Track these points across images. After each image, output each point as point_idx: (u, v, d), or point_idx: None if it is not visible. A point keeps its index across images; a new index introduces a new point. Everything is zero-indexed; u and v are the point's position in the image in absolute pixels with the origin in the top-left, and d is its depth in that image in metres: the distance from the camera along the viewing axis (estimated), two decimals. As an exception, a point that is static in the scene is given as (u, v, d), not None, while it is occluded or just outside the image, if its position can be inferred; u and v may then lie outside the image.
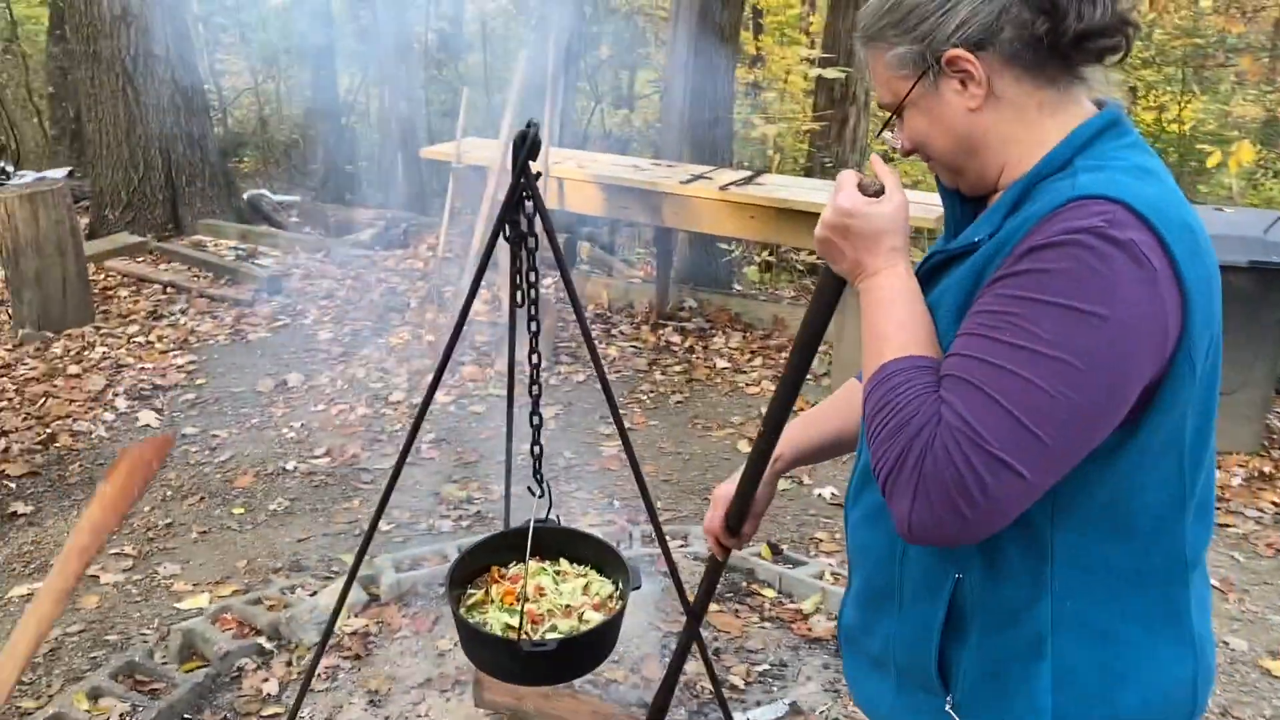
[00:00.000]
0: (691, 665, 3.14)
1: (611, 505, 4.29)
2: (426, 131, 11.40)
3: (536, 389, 2.06)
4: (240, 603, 3.47)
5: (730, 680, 3.14)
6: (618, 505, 4.28)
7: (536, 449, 2.10)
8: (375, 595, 3.52)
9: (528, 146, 1.82)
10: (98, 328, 6.20)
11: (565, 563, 2.18)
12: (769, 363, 5.91)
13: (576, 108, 11.93)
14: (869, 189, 1.28)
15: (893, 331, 1.22)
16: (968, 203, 1.36)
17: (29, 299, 6.03)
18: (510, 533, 2.20)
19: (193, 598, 3.62)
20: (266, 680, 3.12)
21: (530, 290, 2.02)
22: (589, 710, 2.86)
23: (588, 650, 1.95)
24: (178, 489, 4.42)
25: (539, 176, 1.88)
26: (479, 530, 4.09)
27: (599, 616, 1.99)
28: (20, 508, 4.23)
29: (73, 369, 5.61)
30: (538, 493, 2.09)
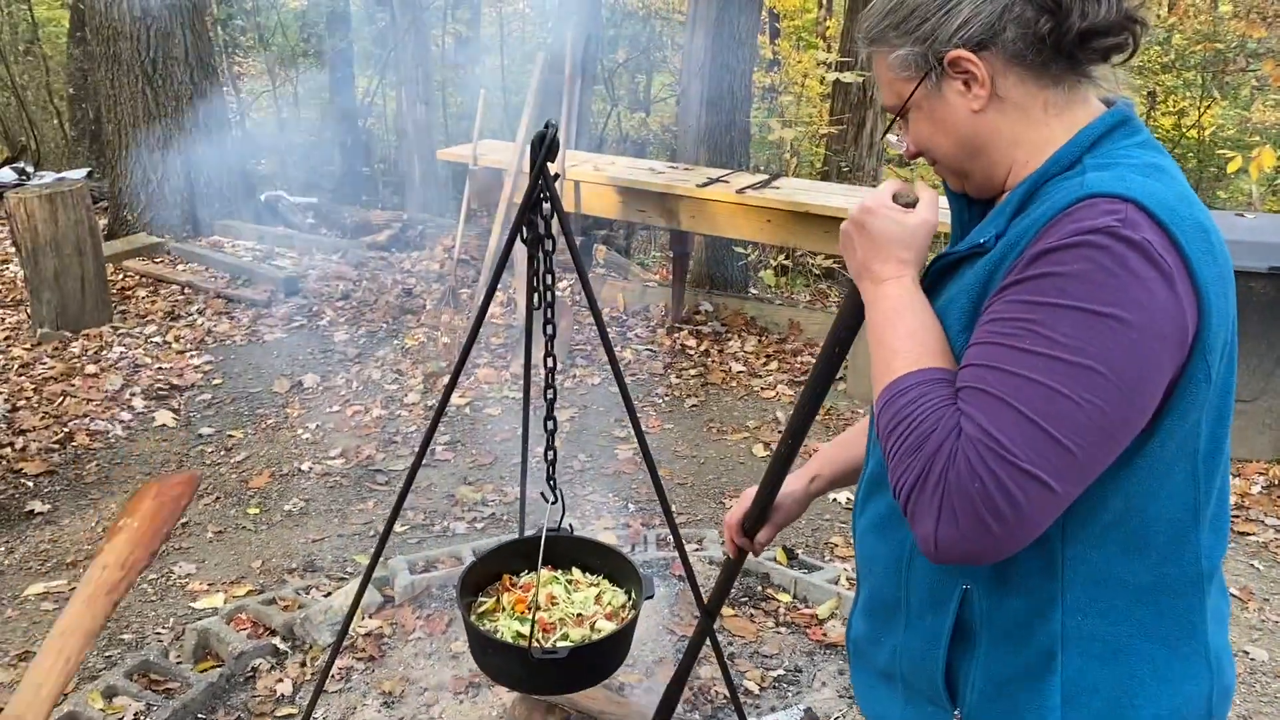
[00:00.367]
0: (706, 670, 3.13)
1: (626, 508, 4.28)
2: (444, 133, 11.44)
3: (551, 393, 2.04)
4: (255, 603, 3.48)
5: (745, 685, 3.12)
6: (632, 509, 4.27)
7: (550, 454, 2.09)
8: (390, 597, 3.52)
9: (546, 147, 1.81)
10: (115, 328, 6.23)
11: (578, 572, 2.17)
12: (784, 367, 5.89)
13: (593, 111, 11.94)
14: (902, 198, 1.26)
15: (902, 344, 1.18)
16: (975, 206, 1.33)
17: (48, 298, 6.07)
18: (522, 541, 2.19)
19: (208, 597, 3.63)
20: (281, 681, 3.12)
21: (547, 293, 2.01)
22: (619, 706, 2.85)
23: (599, 659, 1.94)
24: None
25: (557, 178, 1.88)
26: (494, 532, 4.08)
27: (611, 626, 1.97)
28: (38, 506, 4.25)
29: (90, 368, 5.64)
30: (551, 499, 2.08)
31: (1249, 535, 4.20)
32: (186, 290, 6.93)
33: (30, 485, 4.44)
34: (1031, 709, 1.21)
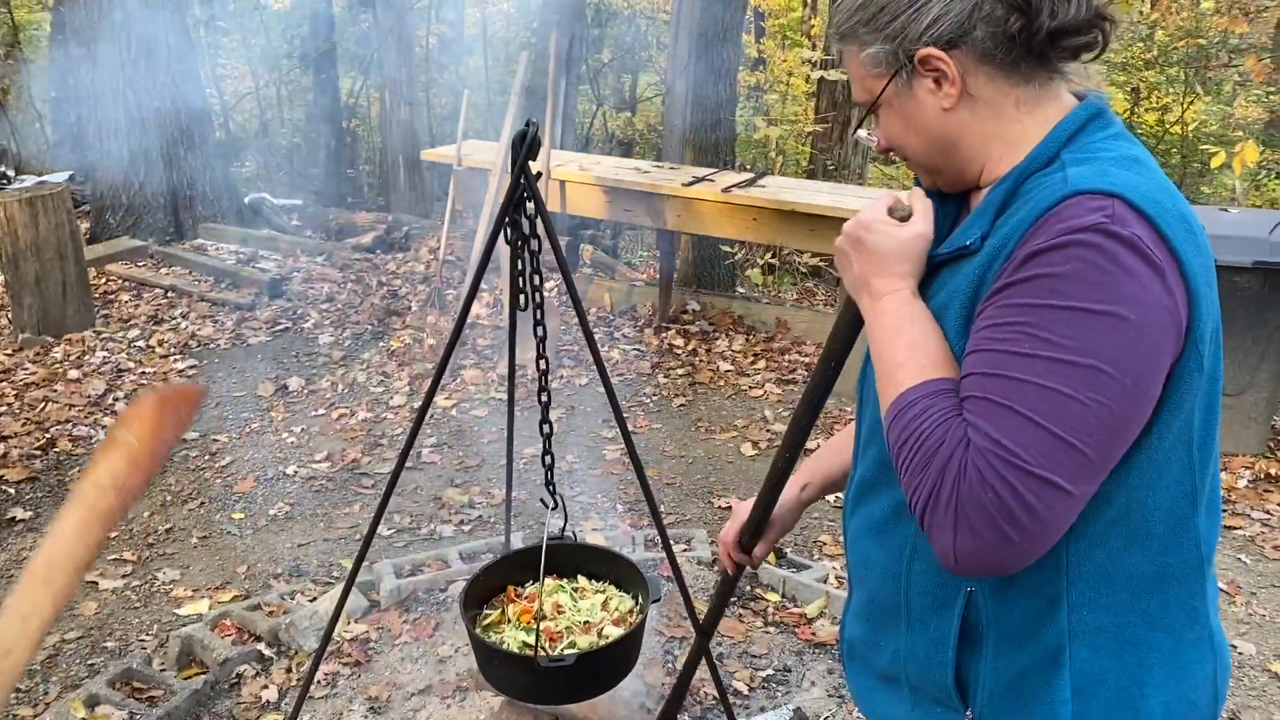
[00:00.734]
0: (696, 671, 3.11)
1: (615, 509, 4.26)
2: (428, 134, 11.40)
3: (546, 396, 2.01)
4: (240, 609, 3.44)
5: (734, 686, 3.11)
6: (621, 509, 4.25)
7: (548, 459, 2.06)
8: (376, 601, 3.49)
9: (527, 146, 1.79)
10: (98, 332, 6.18)
11: (583, 579, 2.14)
12: (772, 365, 5.88)
13: (579, 111, 11.92)
14: (896, 212, 1.25)
15: (905, 356, 1.17)
16: (948, 201, 1.32)
17: (29, 303, 6.02)
18: (525, 551, 2.16)
19: (192, 604, 3.59)
20: (266, 687, 3.09)
21: (534, 294, 1.99)
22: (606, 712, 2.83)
23: (607, 665, 1.91)
24: (177, 494, 4.39)
25: (539, 177, 1.86)
26: (481, 535, 4.06)
27: (619, 631, 1.95)
28: (19, 513, 4.20)
29: (73, 373, 5.59)
30: (551, 504, 2.05)
31: (1236, 529, 4.20)
32: (170, 294, 6.88)
33: (11, 492, 4.39)
34: (1043, 704, 1.21)
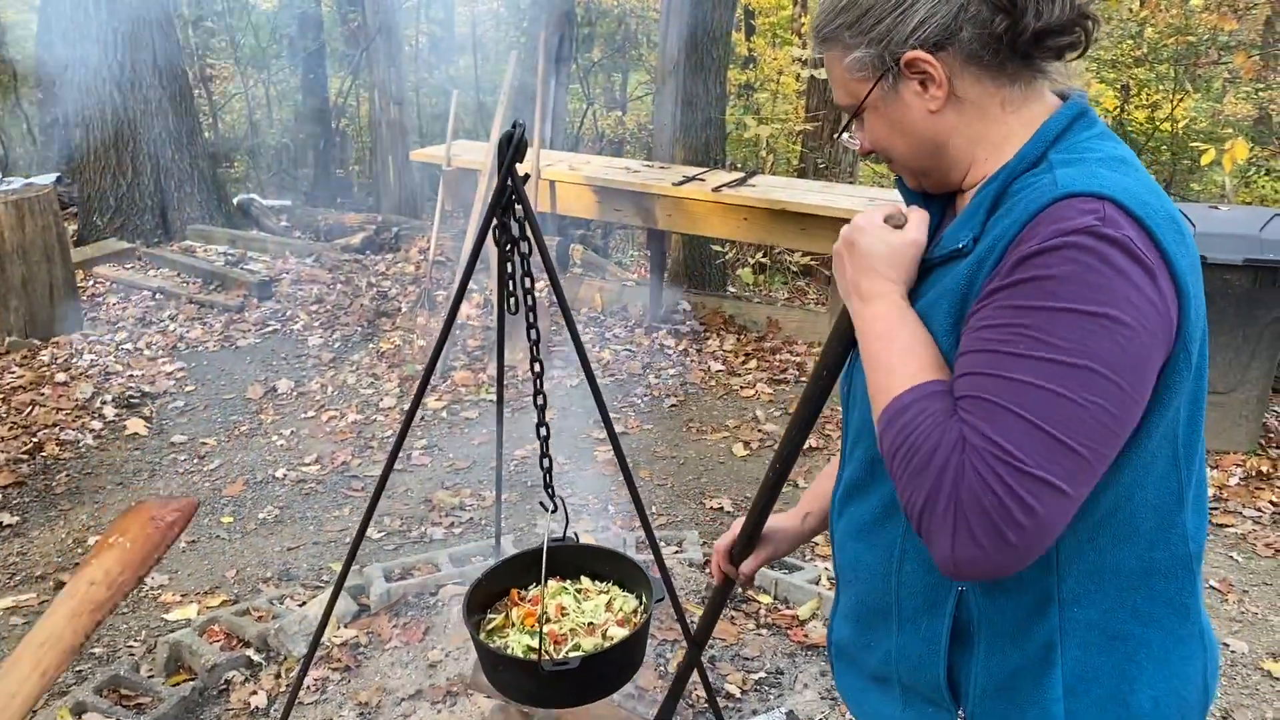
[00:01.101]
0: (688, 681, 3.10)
1: (607, 511, 4.24)
2: (418, 134, 11.37)
3: (541, 399, 2.00)
4: (229, 614, 3.42)
5: (726, 689, 3.09)
6: (613, 510, 4.24)
7: (546, 462, 2.04)
8: (365, 605, 3.47)
9: (513, 148, 1.77)
10: (86, 335, 6.14)
11: (586, 580, 2.12)
12: (763, 365, 5.87)
13: (569, 110, 11.89)
14: (893, 220, 1.25)
15: (897, 360, 1.16)
16: (933, 202, 1.33)
17: (16, 306, 5.97)
18: (527, 554, 2.14)
19: (181, 609, 3.56)
20: (255, 693, 3.07)
21: (526, 296, 1.97)
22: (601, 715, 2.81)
23: (612, 667, 1.89)
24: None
25: (526, 178, 1.84)
26: (471, 538, 4.04)
27: (623, 632, 1.93)
28: (6, 518, 4.17)
29: (60, 377, 5.55)
30: (550, 507, 2.03)
31: (1228, 527, 4.20)
32: (158, 296, 6.84)
33: (-2, 497, 4.36)
34: (1034, 702, 1.21)
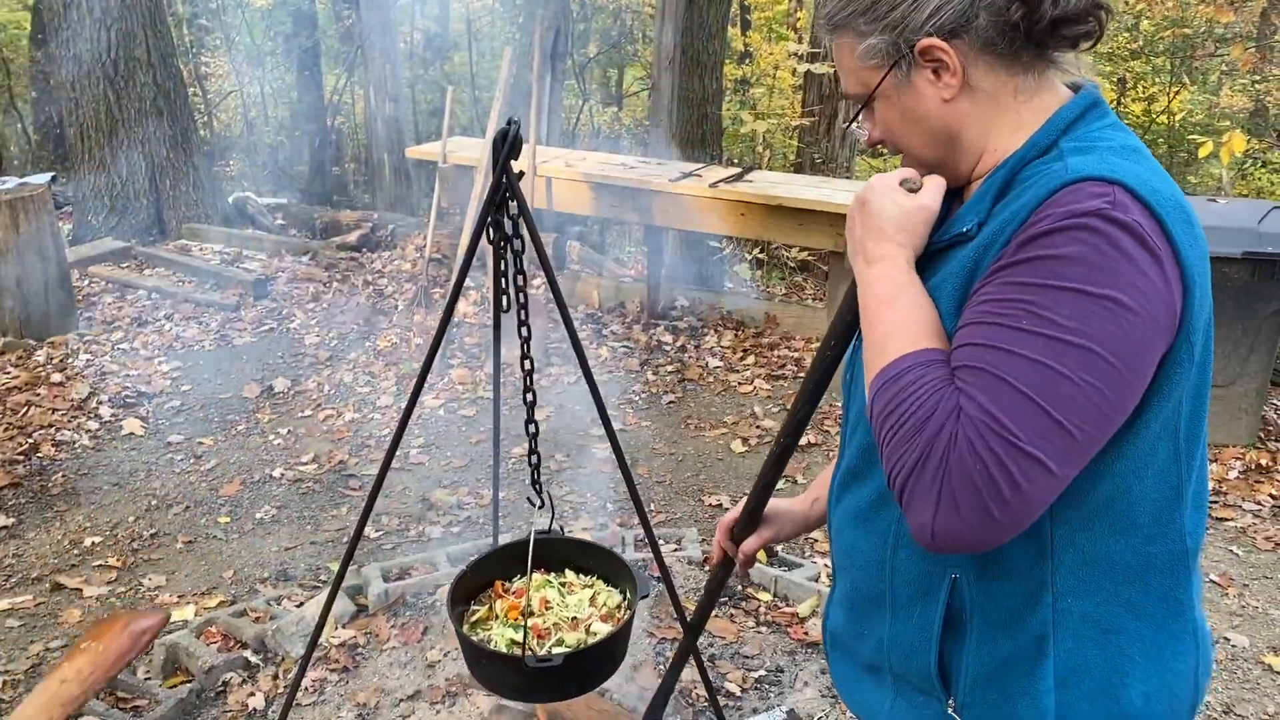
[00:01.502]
0: (687, 673, 3.08)
1: (605, 508, 4.23)
2: (414, 131, 11.34)
3: (531, 396, 1.99)
4: (226, 615, 3.40)
5: (726, 687, 3.08)
6: (611, 508, 4.22)
7: (534, 458, 2.03)
8: (363, 606, 3.45)
9: (508, 145, 1.75)
10: (81, 335, 6.12)
11: (571, 574, 2.11)
12: (761, 361, 5.85)
13: (565, 106, 11.86)
14: (908, 184, 1.23)
15: (898, 326, 1.15)
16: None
17: (10, 306, 5.95)
18: (513, 545, 2.13)
19: (178, 610, 3.54)
20: (253, 695, 3.05)
21: (519, 294, 1.96)
22: (598, 711, 2.80)
23: (595, 663, 1.88)
24: (162, 498, 4.35)
25: (521, 176, 1.82)
26: (470, 536, 4.02)
27: (607, 628, 1.92)
28: (1, 520, 4.15)
29: (56, 377, 5.53)
30: (538, 503, 2.02)
31: (1227, 520, 4.20)
32: (154, 295, 6.81)
33: (-6, 499, 4.34)
34: (1025, 693, 1.20)
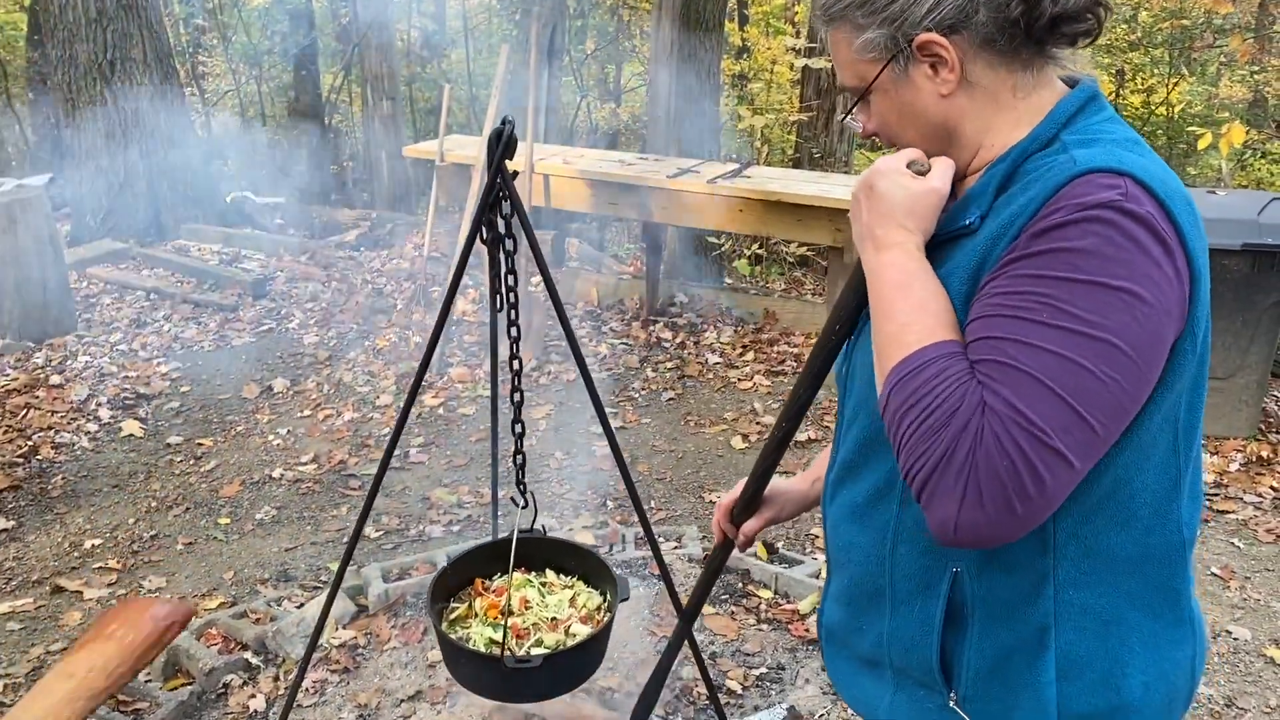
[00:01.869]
0: (688, 671, 3.08)
1: (605, 506, 4.22)
2: (411, 130, 11.32)
3: (518, 396, 1.98)
4: (226, 616, 3.39)
5: (727, 685, 3.08)
6: (611, 506, 4.22)
7: (519, 459, 2.03)
8: (363, 606, 3.45)
9: (503, 144, 1.75)
10: (80, 336, 6.11)
11: (552, 574, 2.11)
12: (761, 357, 5.85)
13: (563, 102, 11.84)
14: (915, 166, 1.21)
15: (913, 316, 1.12)
16: None
17: (9, 308, 5.94)
18: (495, 544, 2.13)
19: (178, 612, 3.54)
20: (254, 696, 3.05)
21: (509, 294, 1.96)
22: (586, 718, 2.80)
23: (574, 665, 1.88)
24: (162, 500, 4.34)
25: (515, 175, 1.81)
26: (470, 535, 4.02)
27: (586, 630, 1.92)
28: (1, 523, 4.14)
29: (55, 379, 5.52)
30: (521, 503, 2.02)
31: (1228, 513, 4.19)
32: (152, 296, 6.81)
33: (-7, 502, 4.34)
34: (1027, 685, 1.20)
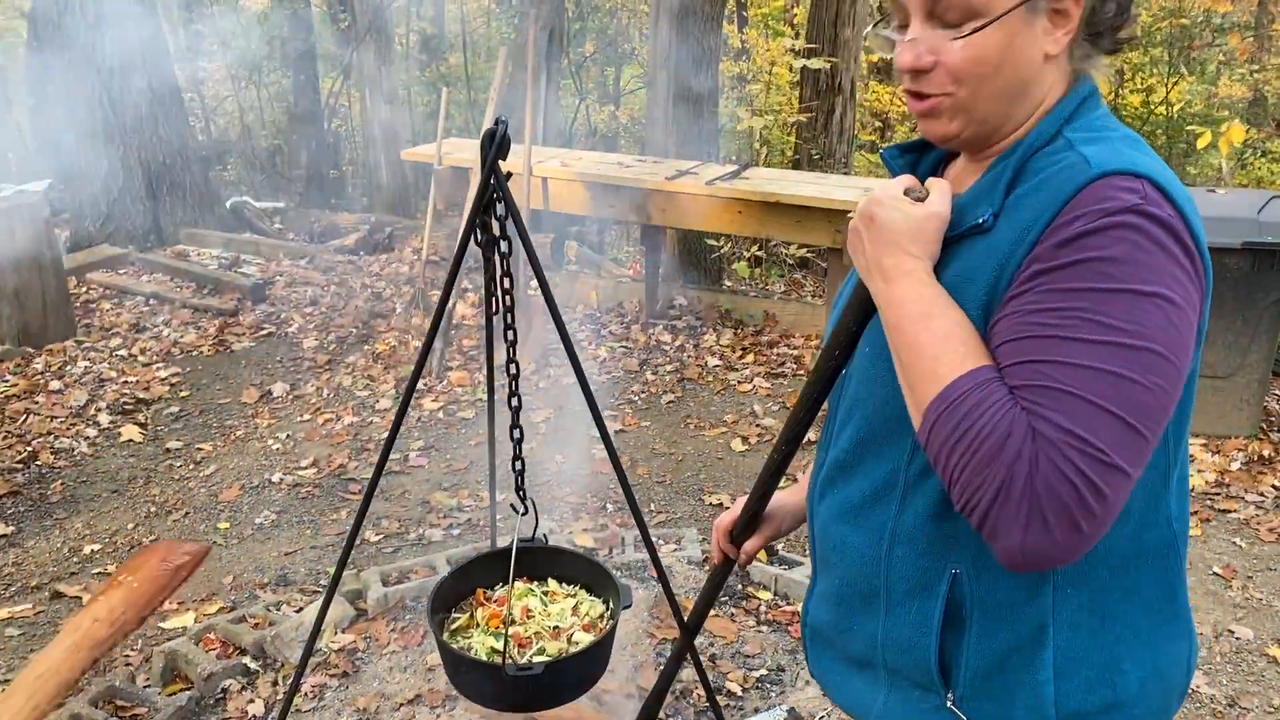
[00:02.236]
0: (687, 672, 3.07)
1: (605, 509, 4.21)
2: (410, 133, 11.32)
3: (516, 401, 1.97)
4: (225, 621, 3.39)
5: (727, 687, 3.07)
6: (611, 509, 4.21)
7: (519, 464, 2.01)
8: (363, 610, 3.44)
9: (496, 145, 1.74)
10: (79, 342, 6.11)
11: (554, 583, 2.10)
12: (760, 359, 5.84)
13: (562, 105, 11.84)
14: (913, 193, 1.18)
15: (941, 347, 1.09)
16: (923, 162, 1.32)
17: (8, 314, 5.94)
18: (496, 553, 2.12)
19: (178, 617, 3.53)
20: (252, 701, 3.04)
21: (505, 297, 1.94)
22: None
23: (577, 673, 1.87)
24: (161, 504, 4.33)
25: (510, 176, 1.80)
26: (470, 539, 4.01)
27: (588, 638, 1.91)
28: (1, 528, 4.14)
29: (54, 384, 5.52)
30: (520, 510, 2.01)
31: (1230, 512, 4.18)
32: (151, 301, 6.81)
33: (-8, 508, 4.33)
34: (1024, 684, 1.21)
